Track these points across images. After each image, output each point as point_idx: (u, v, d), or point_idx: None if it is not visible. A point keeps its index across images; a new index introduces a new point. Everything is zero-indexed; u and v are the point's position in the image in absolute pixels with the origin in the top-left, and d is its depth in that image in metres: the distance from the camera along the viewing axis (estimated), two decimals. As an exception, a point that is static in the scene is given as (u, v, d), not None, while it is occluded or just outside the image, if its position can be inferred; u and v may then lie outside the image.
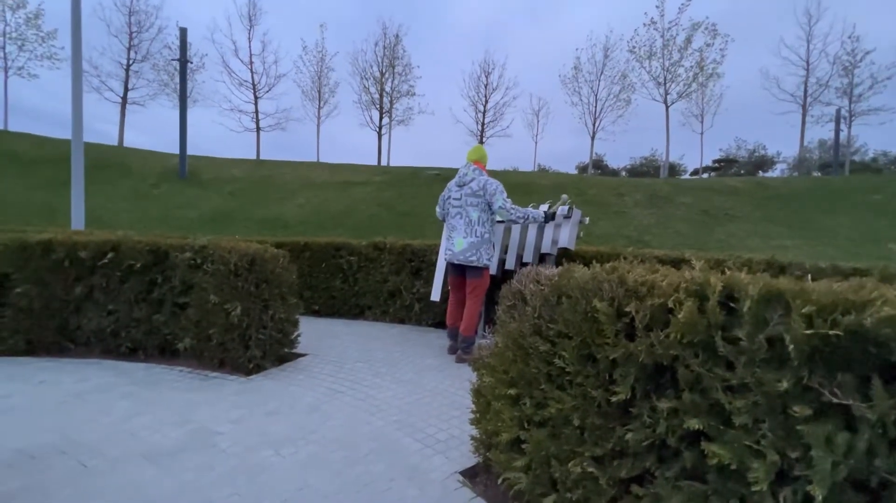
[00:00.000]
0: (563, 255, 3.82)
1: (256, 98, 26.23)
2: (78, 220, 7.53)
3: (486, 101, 28.49)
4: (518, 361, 1.56)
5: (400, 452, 2.04)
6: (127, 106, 25.06)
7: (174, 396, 2.63)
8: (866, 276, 2.74)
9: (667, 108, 24.14)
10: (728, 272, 1.22)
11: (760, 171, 38.28)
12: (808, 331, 0.76)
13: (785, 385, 0.80)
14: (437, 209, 3.84)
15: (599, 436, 1.26)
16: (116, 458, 1.91)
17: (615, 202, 12.83)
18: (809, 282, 0.95)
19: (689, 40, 23.07)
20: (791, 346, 0.78)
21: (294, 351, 3.51)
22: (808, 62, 23.03)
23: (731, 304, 0.97)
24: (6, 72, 24.35)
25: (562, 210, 3.70)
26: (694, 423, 0.97)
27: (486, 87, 28.42)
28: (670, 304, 1.07)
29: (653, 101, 24.63)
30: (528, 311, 1.53)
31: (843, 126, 23.35)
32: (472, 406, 1.91)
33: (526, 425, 1.51)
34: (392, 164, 25.78)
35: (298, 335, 3.48)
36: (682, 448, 1.03)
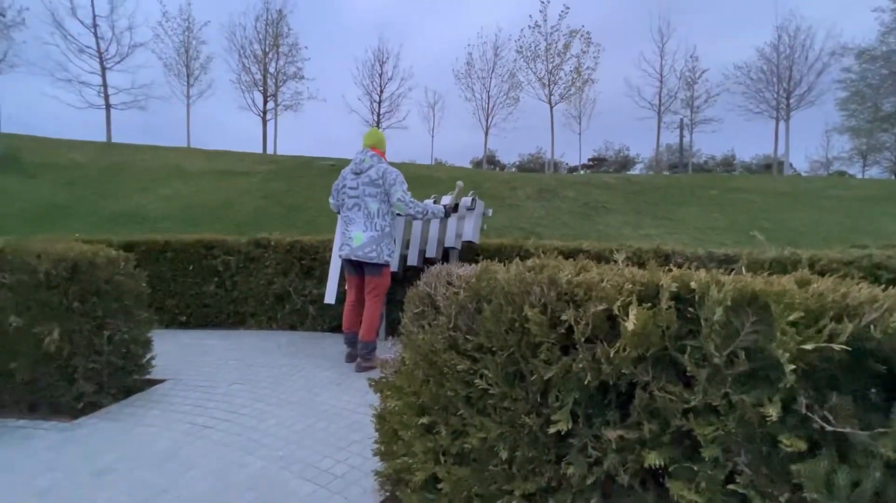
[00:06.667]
0: (468, 249, 3.66)
1: (104, 69, 21.89)
2: None
3: (382, 91, 27.67)
4: (430, 382, 1.28)
5: (287, 499, 1.65)
6: None
7: (-57, 466, 1.84)
8: (735, 263, 3.04)
9: (551, 108, 26.03)
10: (621, 263, 1.11)
11: (624, 170, 43.74)
12: (806, 346, 0.60)
13: (770, 410, 0.64)
14: (331, 200, 3.40)
15: (531, 470, 1.04)
16: None
17: (509, 195, 13.36)
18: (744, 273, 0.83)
19: (567, 46, 25.08)
20: (785, 360, 0.62)
21: (148, 377, 2.80)
22: (661, 75, 26.68)
23: (690, 309, 0.81)
24: None
25: (465, 202, 3.53)
26: (653, 458, 0.78)
27: (380, 77, 27.60)
28: (615, 311, 0.88)
29: (539, 101, 26.36)
30: (440, 321, 1.26)
31: (687, 132, 27.68)
32: (376, 434, 1.60)
33: (442, 459, 1.25)
34: (280, 153, 23.65)
35: (152, 358, 2.78)
36: (636, 485, 0.85)
